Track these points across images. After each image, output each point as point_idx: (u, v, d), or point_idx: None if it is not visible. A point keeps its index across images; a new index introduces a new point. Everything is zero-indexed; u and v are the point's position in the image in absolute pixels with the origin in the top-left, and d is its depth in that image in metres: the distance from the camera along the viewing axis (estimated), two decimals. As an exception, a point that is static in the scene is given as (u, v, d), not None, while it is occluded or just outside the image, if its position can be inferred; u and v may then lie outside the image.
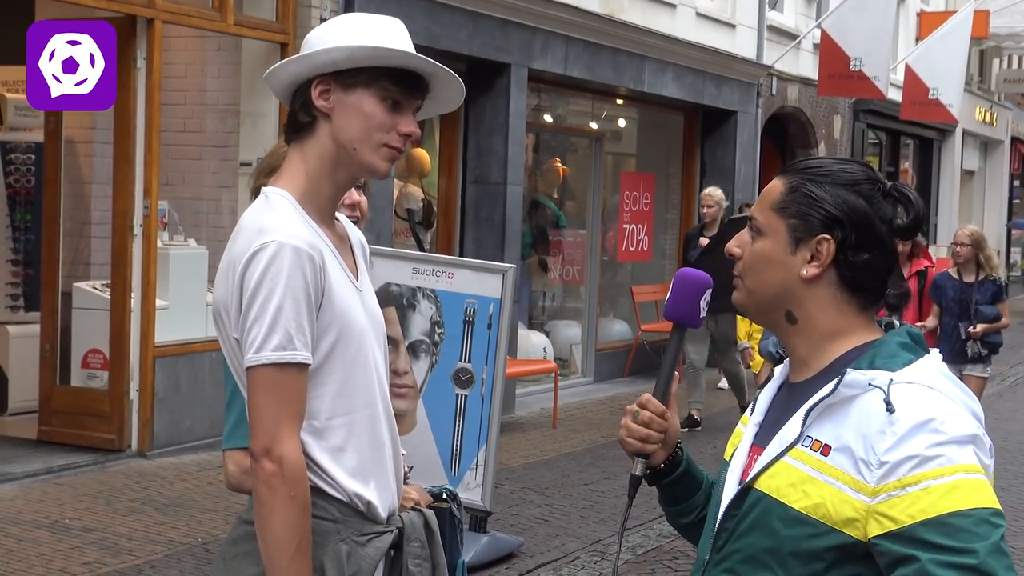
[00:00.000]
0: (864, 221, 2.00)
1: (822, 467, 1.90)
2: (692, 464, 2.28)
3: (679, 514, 2.30)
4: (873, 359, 1.95)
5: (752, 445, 2.07)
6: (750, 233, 2.09)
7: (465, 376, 6.73)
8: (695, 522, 2.26)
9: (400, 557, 2.59)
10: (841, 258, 2.00)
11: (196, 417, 9.23)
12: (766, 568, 1.95)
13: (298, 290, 2.37)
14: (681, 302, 2.26)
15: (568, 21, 12.23)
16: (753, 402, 2.16)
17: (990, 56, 28.96)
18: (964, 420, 1.87)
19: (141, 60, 8.74)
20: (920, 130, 23.30)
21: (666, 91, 14.36)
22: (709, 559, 2.06)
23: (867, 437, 1.86)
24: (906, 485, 1.82)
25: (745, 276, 2.09)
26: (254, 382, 2.37)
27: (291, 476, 2.35)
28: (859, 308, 2.03)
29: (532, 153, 13.85)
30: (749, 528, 1.98)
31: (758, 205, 2.09)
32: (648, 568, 7.02)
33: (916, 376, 1.91)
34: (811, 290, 2.02)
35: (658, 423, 2.20)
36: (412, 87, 2.53)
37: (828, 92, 16.83)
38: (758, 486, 1.98)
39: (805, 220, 2.01)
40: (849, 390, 1.91)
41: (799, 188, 2.03)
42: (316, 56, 2.47)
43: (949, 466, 1.81)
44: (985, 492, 1.82)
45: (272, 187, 2.52)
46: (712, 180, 16.15)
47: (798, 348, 2.06)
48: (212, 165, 10.36)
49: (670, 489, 2.27)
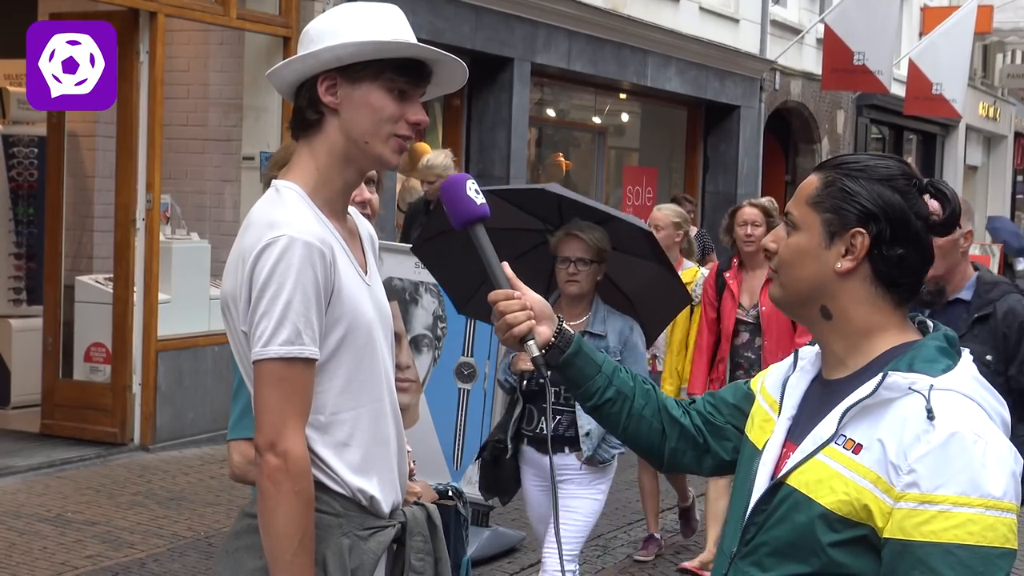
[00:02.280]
0: (899, 216, 1.99)
1: (852, 465, 1.90)
2: (586, 345, 2.33)
3: (584, 397, 2.34)
4: (912, 362, 1.94)
5: (786, 440, 2.07)
6: (786, 228, 2.09)
7: (467, 370, 6.73)
8: (599, 405, 2.32)
9: (403, 551, 2.59)
10: (875, 252, 2.00)
11: (198, 411, 9.23)
12: (792, 560, 1.96)
13: (308, 285, 2.36)
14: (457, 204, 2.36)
15: (571, 15, 12.22)
16: (781, 394, 2.15)
17: (993, 51, 28.93)
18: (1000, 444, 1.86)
19: (144, 54, 8.73)
20: (923, 125, 23.28)
21: (669, 86, 14.35)
22: (736, 551, 2.06)
23: (902, 441, 1.86)
24: (926, 501, 1.82)
25: (780, 271, 2.09)
26: (261, 376, 2.37)
27: (296, 471, 2.35)
28: (894, 304, 2.03)
29: (535, 147, 13.85)
30: (777, 522, 1.99)
31: (794, 200, 2.09)
32: (650, 562, 7.02)
33: (955, 383, 1.91)
34: (845, 284, 2.02)
35: (513, 303, 2.27)
36: (417, 75, 2.52)
37: (831, 87, 16.82)
38: (789, 481, 1.98)
39: (840, 214, 2.01)
40: (889, 392, 1.91)
41: (835, 183, 2.03)
42: (321, 54, 2.46)
43: (975, 497, 1.80)
44: (1001, 531, 1.81)
45: (282, 180, 2.51)
46: (715, 175, 16.16)
47: (833, 344, 2.06)
48: (215, 159, 10.36)
49: (569, 370, 2.31)
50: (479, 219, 2.36)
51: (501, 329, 2.28)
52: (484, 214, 2.36)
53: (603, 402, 2.31)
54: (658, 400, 2.34)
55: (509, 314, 2.27)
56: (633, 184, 14.73)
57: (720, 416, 2.33)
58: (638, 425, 2.32)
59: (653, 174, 15.28)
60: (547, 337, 2.29)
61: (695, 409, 2.36)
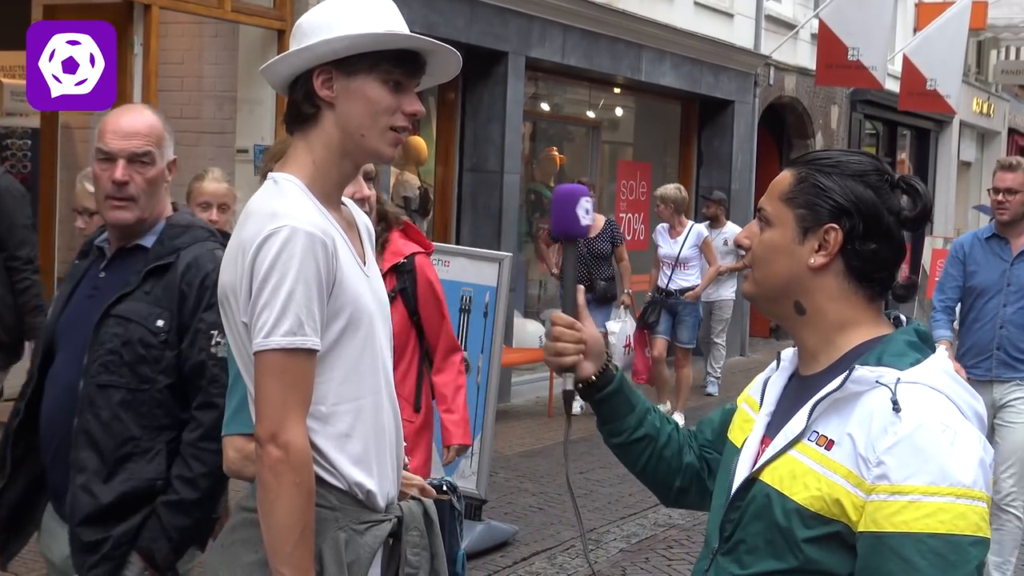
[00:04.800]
0: (872, 211, 2.01)
1: (824, 461, 1.92)
2: (626, 385, 2.34)
3: (611, 433, 2.36)
4: (881, 356, 1.95)
5: (763, 436, 2.09)
6: (759, 224, 2.10)
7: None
8: (626, 443, 2.34)
9: (399, 546, 2.59)
10: (848, 248, 2.01)
11: (192, 404, 9.21)
12: (769, 557, 1.97)
13: (310, 276, 2.36)
14: (562, 216, 2.34)
15: (566, 9, 12.21)
16: (762, 394, 2.16)
17: (988, 47, 28.94)
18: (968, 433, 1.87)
19: (138, 46, 8.71)
20: (917, 121, 23.29)
21: (664, 80, 14.34)
22: (718, 548, 2.08)
23: (870, 434, 1.87)
24: (896, 492, 1.83)
25: (755, 267, 2.10)
26: (262, 367, 2.36)
27: (297, 463, 2.35)
28: (867, 299, 2.04)
29: (529, 141, 13.84)
30: (752, 518, 2.00)
31: (767, 196, 2.11)
32: (643, 556, 7.03)
33: (923, 377, 1.92)
34: (819, 280, 2.03)
35: (570, 335, 2.28)
36: (412, 67, 2.52)
37: (826, 82, 16.82)
38: (762, 478, 2.00)
39: (813, 210, 2.03)
40: (856, 386, 1.92)
41: (807, 179, 2.05)
42: (316, 47, 2.45)
43: (944, 486, 1.82)
44: (973, 519, 1.82)
45: (280, 172, 2.51)
46: (709, 169, 16.17)
47: (808, 340, 2.07)
48: (209, 152, 10.34)
49: (602, 406, 2.33)
50: (577, 237, 2.38)
51: (550, 351, 2.31)
52: (584, 235, 2.38)
53: (631, 441, 2.34)
54: (679, 443, 2.37)
55: (562, 343, 2.30)
56: (627, 178, 14.72)
57: (713, 451, 2.36)
58: (656, 466, 2.36)
59: (647, 169, 15.26)
60: (588, 374, 2.32)
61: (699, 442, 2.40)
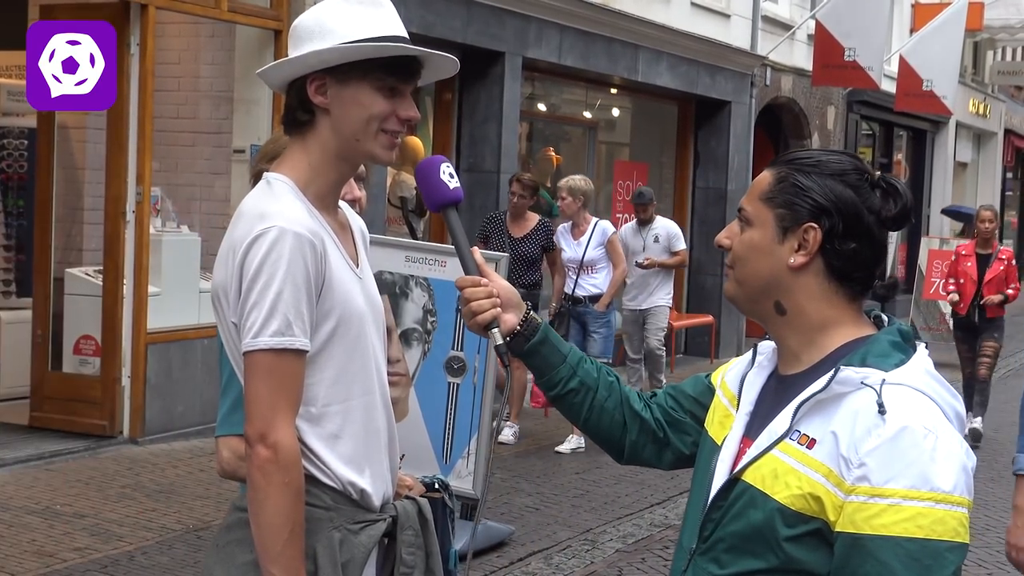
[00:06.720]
0: (851, 211, 2.01)
1: (805, 459, 1.92)
2: (553, 334, 2.35)
3: (547, 386, 2.36)
4: (865, 357, 1.96)
5: (743, 436, 2.09)
6: (740, 224, 2.10)
7: (457, 364, 6.72)
8: (562, 394, 2.34)
9: (394, 545, 2.59)
10: (828, 247, 2.01)
11: (188, 403, 9.23)
12: (749, 556, 1.97)
13: (298, 276, 2.36)
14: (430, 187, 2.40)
15: (563, 10, 12.22)
16: (739, 389, 2.17)
17: (984, 48, 28.96)
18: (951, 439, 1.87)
19: (135, 46, 8.72)
20: (913, 121, 23.30)
21: (660, 81, 14.36)
22: (695, 548, 2.07)
23: (853, 434, 1.88)
24: (876, 495, 1.83)
25: (735, 266, 2.11)
26: (251, 367, 2.37)
27: (286, 462, 2.35)
28: (848, 298, 2.04)
29: (526, 142, 13.85)
30: (734, 518, 2.00)
31: (748, 196, 2.11)
32: (639, 557, 7.03)
33: (907, 378, 1.92)
34: (799, 279, 2.03)
35: (480, 291, 2.29)
36: (407, 72, 2.52)
37: (822, 82, 16.84)
38: (744, 477, 2.00)
39: (792, 209, 2.03)
40: (841, 387, 1.92)
41: (787, 178, 2.05)
42: (308, 58, 2.46)
43: (924, 490, 1.82)
44: (951, 524, 1.83)
45: (273, 173, 2.52)
46: (705, 170, 16.17)
47: (788, 340, 2.07)
48: (205, 152, 10.35)
49: (534, 358, 2.33)
50: (452, 203, 2.40)
51: (467, 315, 2.31)
52: (457, 198, 2.40)
53: (566, 392, 2.33)
54: (621, 393, 2.36)
55: (474, 301, 2.29)
56: (624, 179, 14.73)
57: (680, 410, 2.36)
58: (599, 417, 2.35)
59: (644, 169, 15.27)
60: (511, 326, 2.31)
61: (656, 402, 2.38)
